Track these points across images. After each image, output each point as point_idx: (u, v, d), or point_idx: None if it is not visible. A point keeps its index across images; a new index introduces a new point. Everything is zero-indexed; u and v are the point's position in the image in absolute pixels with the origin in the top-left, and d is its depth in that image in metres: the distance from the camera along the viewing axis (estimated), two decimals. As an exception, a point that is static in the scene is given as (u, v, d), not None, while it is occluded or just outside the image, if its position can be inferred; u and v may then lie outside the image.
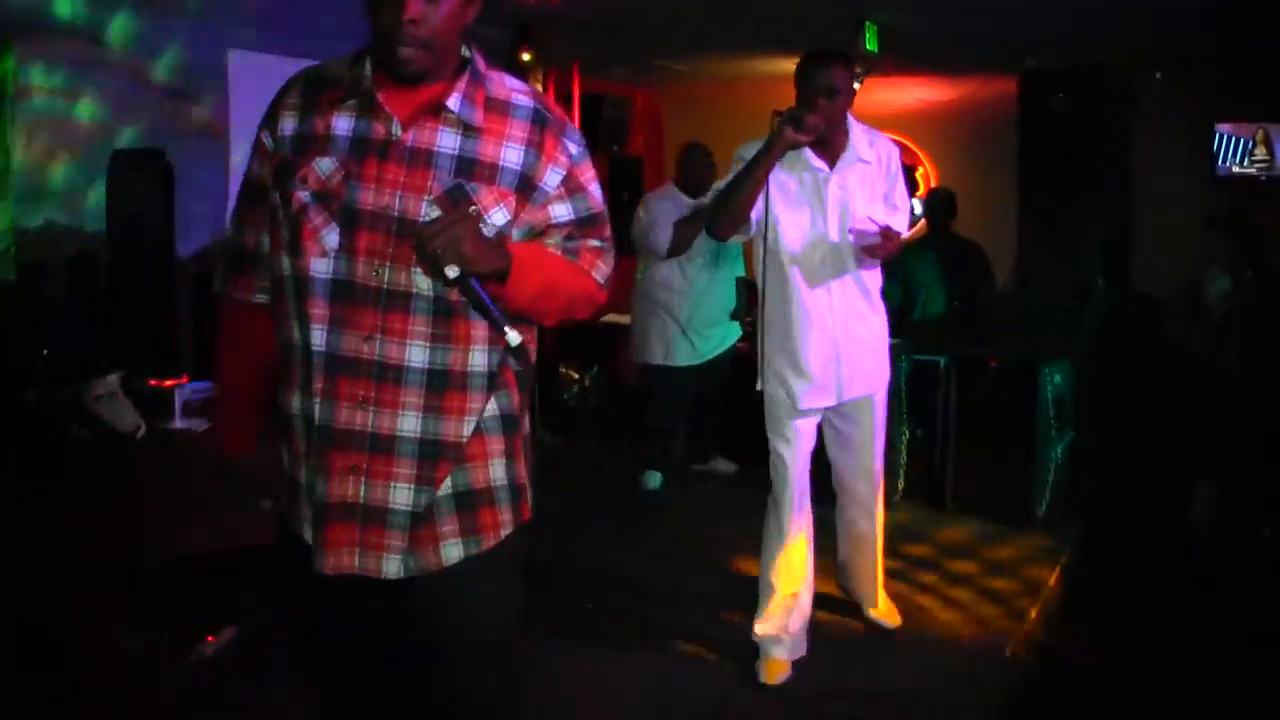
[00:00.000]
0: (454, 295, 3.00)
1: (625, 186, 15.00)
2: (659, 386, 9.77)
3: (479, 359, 3.10)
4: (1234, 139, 13.36)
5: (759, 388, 6.12)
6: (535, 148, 3.10)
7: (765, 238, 5.88)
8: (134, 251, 7.92)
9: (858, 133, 5.95)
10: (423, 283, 2.99)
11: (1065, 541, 8.51)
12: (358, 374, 3.01)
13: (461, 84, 3.09)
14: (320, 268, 3.01)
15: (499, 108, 3.12)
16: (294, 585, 3.26)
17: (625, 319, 12.32)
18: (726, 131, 11.60)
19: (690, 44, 12.48)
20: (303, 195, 3.02)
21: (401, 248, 2.97)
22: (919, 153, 15.10)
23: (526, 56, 11.47)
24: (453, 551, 3.15)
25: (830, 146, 5.84)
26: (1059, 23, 10.70)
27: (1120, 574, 8.05)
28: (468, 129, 3.05)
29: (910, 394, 9.19)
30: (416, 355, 3.02)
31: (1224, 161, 13.32)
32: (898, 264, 10.13)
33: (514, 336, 2.91)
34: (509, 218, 3.06)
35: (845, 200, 5.89)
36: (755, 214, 5.76)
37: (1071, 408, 9.33)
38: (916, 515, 8.94)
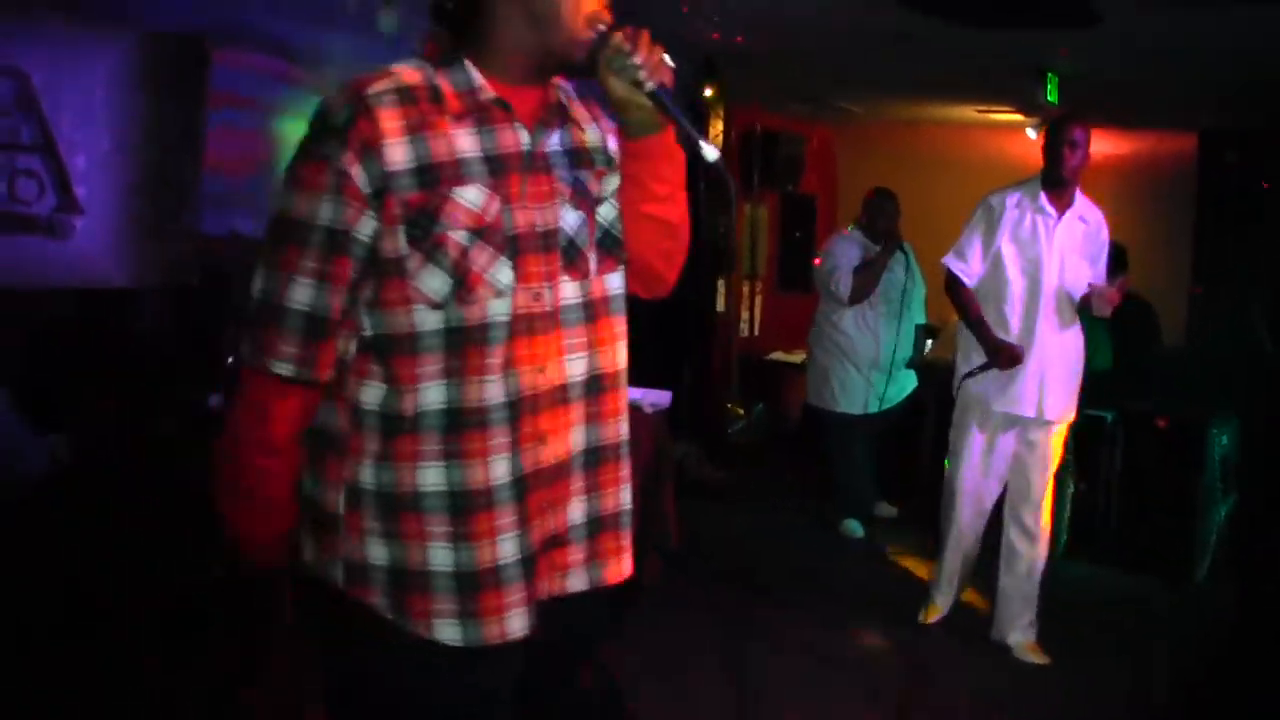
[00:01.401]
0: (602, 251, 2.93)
1: (797, 224, 15.06)
2: (840, 432, 9.75)
3: (621, 356, 3.01)
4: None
5: (956, 394, 7.32)
6: (597, 123, 3.04)
7: (989, 269, 7.12)
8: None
9: (1081, 197, 7.09)
10: (571, 290, 2.87)
11: (1224, 605, 8.44)
12: (537, 410, 2.81)
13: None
14: (498, 310, 2.74)
15: (567, 94, 2.99)
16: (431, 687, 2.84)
17: (793, 357, 12.38)
18: (899, 173, 11.66)
19: (869, 86, 12.51)
20: (458, 237, 2.69)
21: (553, 263, 2.83)
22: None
23: (709, 92, 11.55)
24: (626, 564, 3.07)
25: (1062, 197, 6.98)
26: (1238, 81, 10.63)
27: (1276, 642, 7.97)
28: (566, 122, 2.93)
29: (1076, 450, 9.13)
30: (577, 368, 2.89)
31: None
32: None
33: (711, 150, 2.83)
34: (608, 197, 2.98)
35: (1065, 246, 6.95)
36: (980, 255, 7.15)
37: (1238, 470, 9.26)
38: (1078, 570, 8.91)
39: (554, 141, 2.87)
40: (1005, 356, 6.91)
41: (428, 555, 2.73)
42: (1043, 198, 6.99)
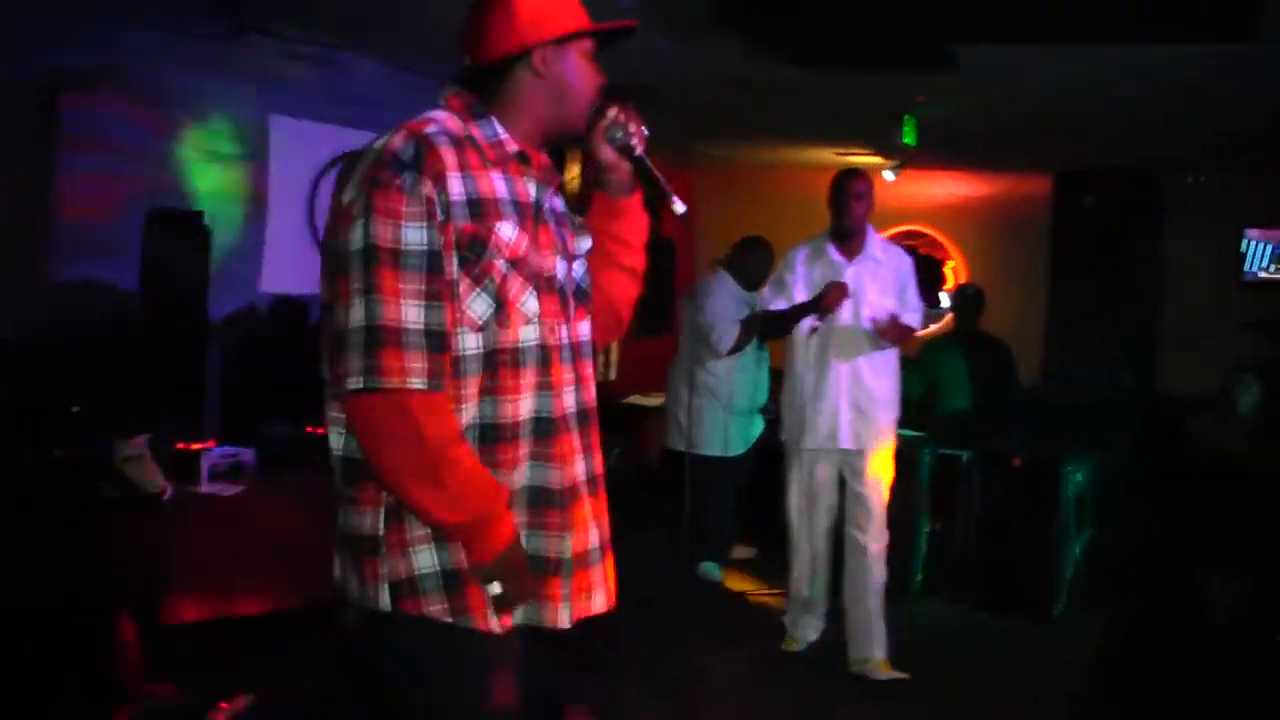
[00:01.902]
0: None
1: (655, 268, 15.02)
2: (716, 476, 9.73)
3: (594, 394, 3.36)
4: (1262, 244, 13.38)
5: (781, 436, 7.79)
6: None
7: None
8: (167, 312, 7.97)
9: (874, 239, 7.58)
10: (563, 331, 3.20)
11: (1082, 639, 8.51)
12: (557, 432, 3.15)
13: None
14: (529, 336, 3.09)
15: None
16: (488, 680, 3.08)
17: (650, 401, 12.32)
18: (760, 216, 11.69)
19: (727, 130, 12.54)
20: (500, 265, 3.03)
21: (564, 305, 3.22)
22: (950, 247, 15.11)
23: (567, 136, 11.53)
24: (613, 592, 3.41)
25: (850, 245, 7.44)
26: (1094, 124, 10.76)
27: (1136, 673, 8.04)
28: (557, 184, 3.31)
29: (932, 488, 9.19)
30: (571, 400, 3.22)
31: (1251, 266, 13.34)
32: (923, 358, 10.27)
33: (679, 205, 3.36)
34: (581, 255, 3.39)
35: (859, 290, 7.35)
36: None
37: (1092, 506, 9.34)
38: (937, 610, 8.95)
39: (550, 198, 3.26)
40: (830, 295, 7.22)
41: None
42: (830, 250, 7.49)
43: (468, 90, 3.24)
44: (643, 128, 3.35)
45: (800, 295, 7.43)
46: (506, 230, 3.04)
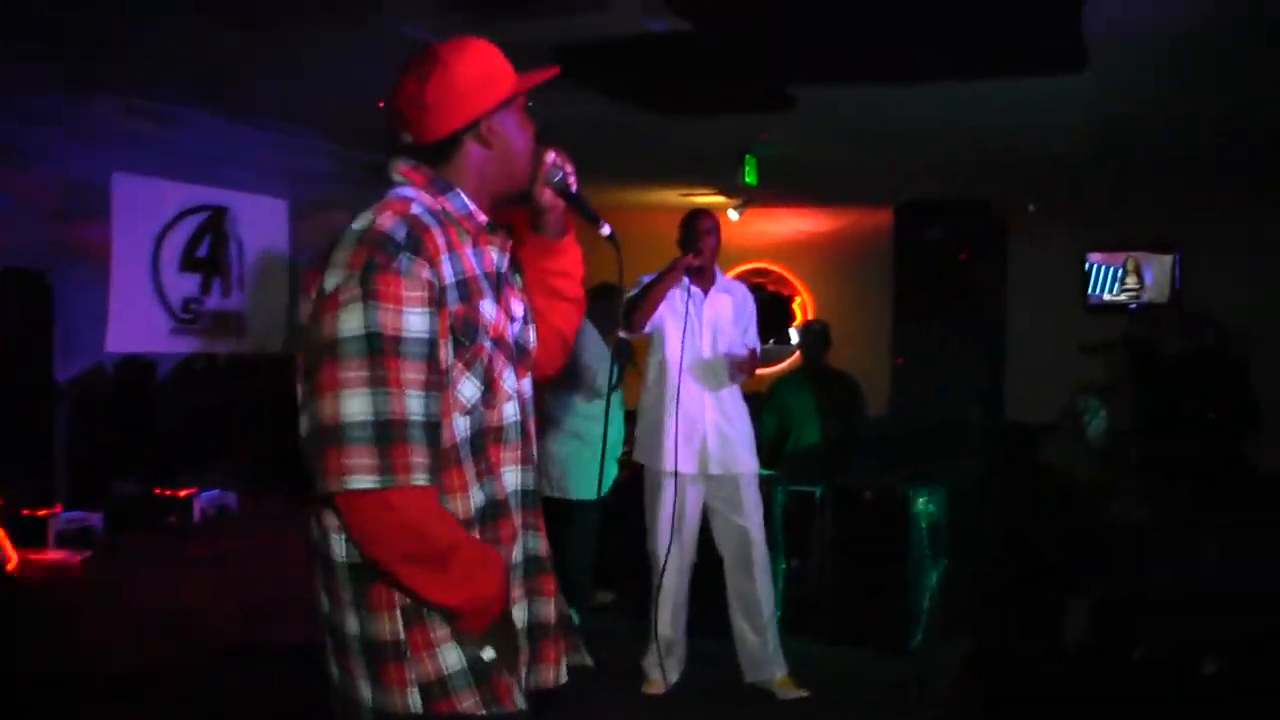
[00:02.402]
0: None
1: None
2: (580, 520, 9.65)
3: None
4: (1105, 268, 13.60)
5: (641, 461, 7.96)
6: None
7: (653, 341, 7.84)
8: (12, 374, 7.86)
9: (720, 274, 8.09)
10: (527, 387, 3.26)
11: (940, 669, 8.58)
12: (531, 504, 3.23)
13: None
14: (510, 413, 3.12)
15: None
16: None
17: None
18: (606, 258, 11.70)
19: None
20: (488, 345, 3.01)
21: (523, 368, 3.23)
22: (796, 283, 15.21)
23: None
24: (563, 667, 3.30)
25: (704, 278, 7.84)
26: (934, 157, 10.89)
27: (996, 700, 8.12)
28: (505, 249, 3.27)
29: (786, 525, 9.22)
30: (513, 479, 3.19)
31: (1096, 290, 13.55)
32: (773, 396, 10.34)
33: (606, 228, 3.52)
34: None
35: (715, 318, 7.80)
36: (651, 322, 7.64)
37: (946, 535, 9.43)
38: (797, 647, 8.97)
39: (504, 262, 3.23)
40: (679, 265, 7.59)
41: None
42: (687, 280, 7.76)
43: (421, 164, 3.14)
44: (572, 166, 3.43)
45: (660, 318, 7.65)
46: (488, 308, 3.03)
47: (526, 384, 3.25)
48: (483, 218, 3.14)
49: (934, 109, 8.90)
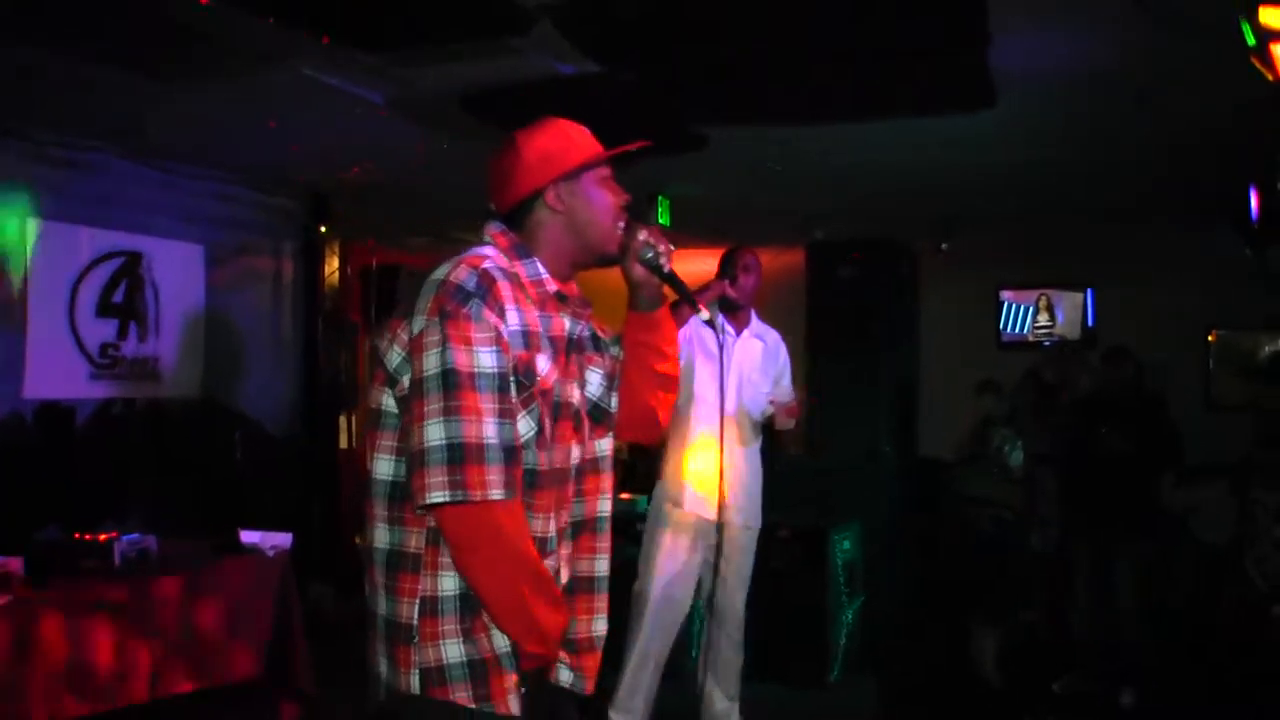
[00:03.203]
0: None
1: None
2: None
3: (605, 505, 3.68)
4: (1017, 305, 13.74)
5: (658, 502, 7.49)
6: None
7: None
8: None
9: (755, 318, 7.75)
10: (602, 447, 3.68)
11: (858, 704, 8.65)
12: (575, 536, 3.60)
13: None
14: (557, 459, 3.45)
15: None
16: None
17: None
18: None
19: (485, 216, 12.54)
20: (539, 393, 3.35)
21: (578, 428, 3.56)
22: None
23: (324, 228, 11.53)
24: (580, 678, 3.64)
25: (739, 317, 7.59)
26: (845, 196, 10.99)
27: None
28: (583, 313, 3.62)
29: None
30: (590, 509, 3.63)
31: (1009, 327, 13.68)
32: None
33: (705, 313, 3.75)
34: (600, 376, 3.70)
35: (743, 363, 7.48)
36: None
37: (861, 571, 9.51)
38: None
39: (580, 330, 3.58)
40: (713, 289, 7.45)
41: (496, 642, 3.25)
42: (720, 318, 7.48)
43: (510, 229, 3.53)
44: (669, 245, 3.60)
45: (696, 355, 7.29)
46: (542, 362, 3.36)
47: (604, 443, 3.70)
48: (553, 287, 3.48)
49: (845, 148, 8.99)
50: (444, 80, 7.25)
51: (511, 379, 3.25)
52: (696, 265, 14.73)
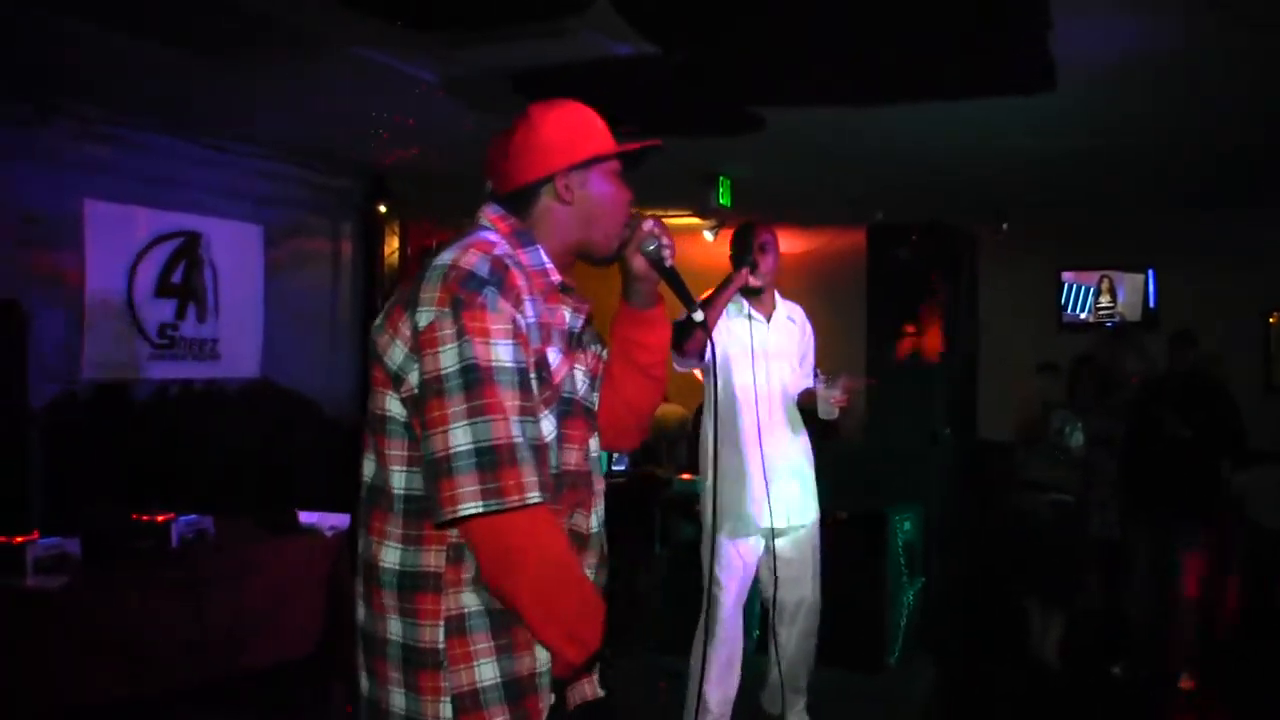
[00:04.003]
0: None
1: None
2: None
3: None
4: (1078, 287, 13.64)
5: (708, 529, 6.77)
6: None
7: (714, 373, 6.88)
8: (-14, 402, 7.87)
9: (779, 298, 7.15)
10: (594, 447, 3.37)
11: (918, 686, 8.61)
12: (591, 546, 3.29)
13: None
14: (570, 459, 3.23)
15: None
16: None
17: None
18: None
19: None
20: (554, 389, 3.15)
21: (589, 426, 3.35)
22: (772, 303, 15.25)
23: (383, 208, 11.54)
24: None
25: (764, 303, 7.02)
26: (905, 178, 10.93)
27: (971, 717, 8.15)
28: (581, 311, 3.38)
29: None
30: (597, 519, 3.36)
31: (1070, 309, 13.59)
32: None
33: (700, 314, 3.48)
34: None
35: (767, 348, 6.94)
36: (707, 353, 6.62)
37: (922, 553, 9.45)
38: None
39: (578, 323, 3.34)
40: (735, 281, 6.75)
41: (536, 657, 3.04)
42: (746, 304, 6.97)
43: (510, 215, 3.27)
44: (672, 240, 3.40)
45: (726, 352, 6.88)
46: (553, 355, 3.15)
47: (595, 443, 3.40)
48: (557, 277, 3.25)
49: (907, 130, 8.94)
50: (500, 60, 7.22)
51: (532, 376, 3.01)
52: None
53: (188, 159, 9.57)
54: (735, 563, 6.90)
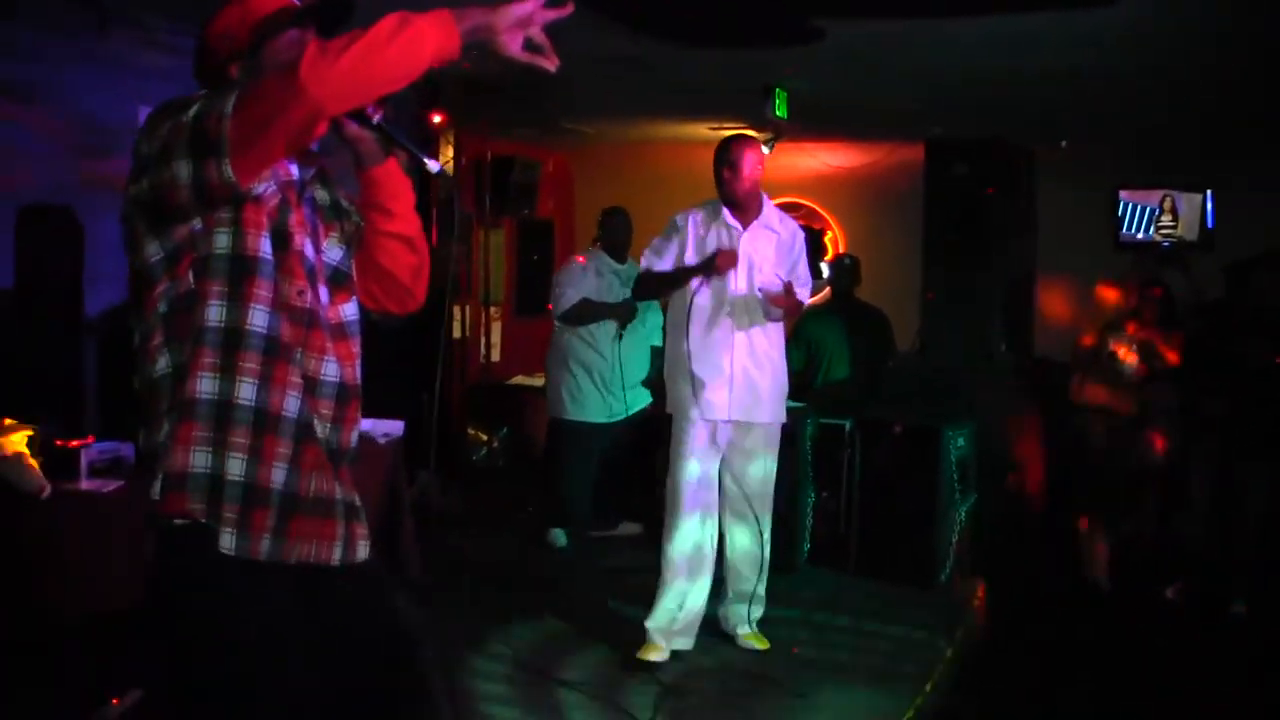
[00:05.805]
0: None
1: (535, 249, 15.03)
2: (566, 441, 9.81)
3: (357, 373, 3.52)
4: (1138, 206, 13.50)
5: (667, 409, 7.35)
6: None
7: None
8: (41, 309, 7.88)
9: (770, 208, 7.31)
10: (347, 311, 3.51)
11: (967, 604, 8.59)
12: (321, 394, 3.39)
13: None
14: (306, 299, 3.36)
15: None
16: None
17: (535, 381, 12.35)
18: (637, 193, 11.67)
19: (599, 108, 12.51)
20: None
21: (313, 284, 3.41)
22: (827, 217, 15.23)
23: (438, 119, 11.50)
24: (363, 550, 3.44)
25: (746, 211, 7.13)
26: (964, 93, 10.83)
27: (1020, 635, 8.13)
28: (309, 165, 3.63)
29: (816, 457, 9.21)
30: (346, 375, 3.46)
31: (1128, 228, 13.45)
32: (802, 329, 10.25)
33: (433, 164, 3.50)
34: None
35: (752, 257, 7.07)
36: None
37: (974, 471, 9.42)
38: (821, 578, 8.97)
39: (311, 180, 3.58)
40: (720, 260, 6.95)
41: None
42: (725, 213, 7.16)
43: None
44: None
45: (691, 258, 7.12)
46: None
47: (348, 308, 3.52)
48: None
49: (963, 44, 8.84)
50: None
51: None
52: (817, 158, 14.73)
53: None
54: (700, 442, 7.14)
